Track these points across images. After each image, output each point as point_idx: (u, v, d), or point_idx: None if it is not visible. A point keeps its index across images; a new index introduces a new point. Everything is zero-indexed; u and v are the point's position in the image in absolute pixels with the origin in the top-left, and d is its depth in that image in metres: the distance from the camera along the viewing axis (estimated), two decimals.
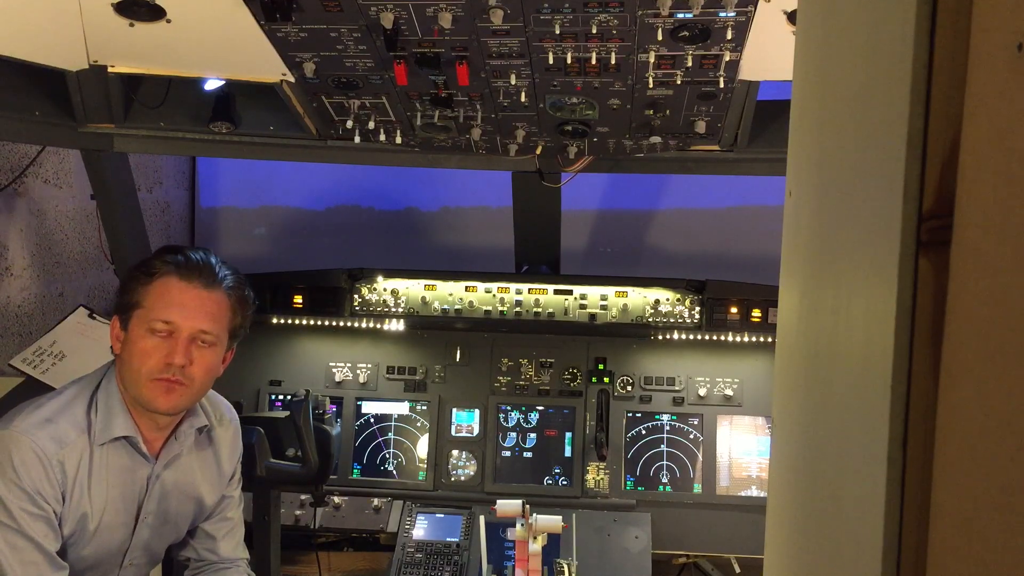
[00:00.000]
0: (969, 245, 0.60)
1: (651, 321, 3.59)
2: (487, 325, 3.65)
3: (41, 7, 2.32)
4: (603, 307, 3.61)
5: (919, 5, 0.62)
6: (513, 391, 3.64)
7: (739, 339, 3.53)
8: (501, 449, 3.58)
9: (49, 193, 3.76)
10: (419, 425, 3.63)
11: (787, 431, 1.08)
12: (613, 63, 2.39)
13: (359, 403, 3.66)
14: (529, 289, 3.63)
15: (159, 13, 2.28)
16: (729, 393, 3.55)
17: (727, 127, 2.88)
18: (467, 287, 3.66)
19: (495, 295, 3.64)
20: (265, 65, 2.52)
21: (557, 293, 3.63)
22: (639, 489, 3.50)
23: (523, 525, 2.69)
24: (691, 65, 2.40)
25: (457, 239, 4.94)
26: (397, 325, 3.64)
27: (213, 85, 2.90)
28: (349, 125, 2.86)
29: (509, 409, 3.62)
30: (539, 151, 3.09)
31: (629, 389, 3.60)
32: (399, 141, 2.94)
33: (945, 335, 0.62)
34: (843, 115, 0.85)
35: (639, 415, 3.58)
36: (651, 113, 2.72)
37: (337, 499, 3.50)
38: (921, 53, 0.62)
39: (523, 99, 2.63)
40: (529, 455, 3.57)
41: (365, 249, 4.91)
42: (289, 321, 3.67)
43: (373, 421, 3.65)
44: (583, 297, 3.61)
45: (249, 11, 2.21)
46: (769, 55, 2.39)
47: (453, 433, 3.61)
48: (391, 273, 3.68)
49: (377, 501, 3.51)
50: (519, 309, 3.62)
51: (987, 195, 0.59)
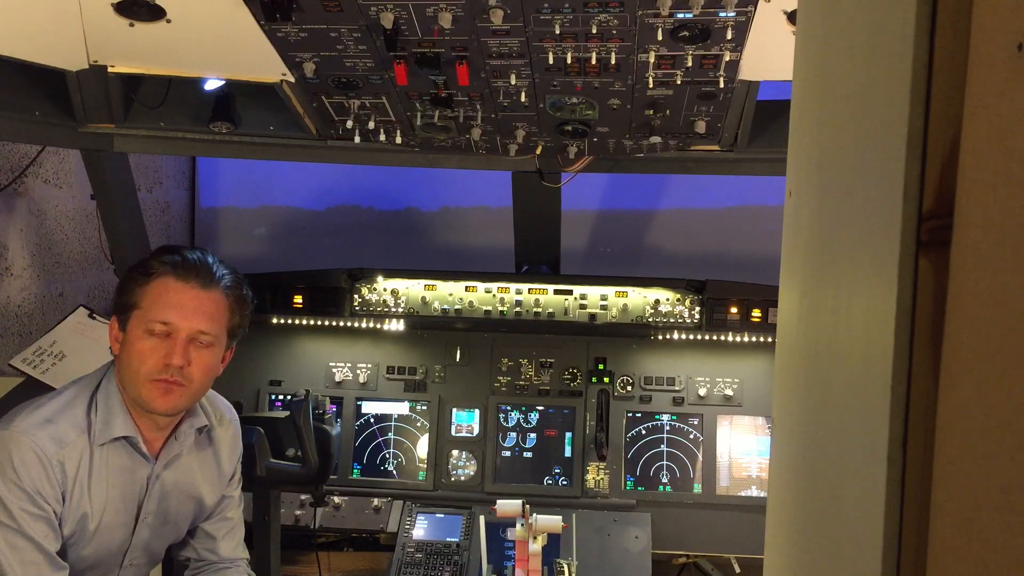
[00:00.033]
0: (969, 245, 0.60)
1: (651, 321, 3.59)
2: (487, 325, 3.65)
3: (41, 7, 2.32)
4: (603, 307, 3.61)
5: (919, 5, 0.62)
6: (513, 391, 3.64)
7: (739, 339, 3.53)
8: (501, 449, 3.58)
9: (49, 193, 3.76)
10: (419, 425, 3.63)
11: (787, 431, 1.08)
12: (613, 63, 2.39)
13: (359, 403, 3.66)
14: (529, 289, 3.63)
15: (159, 13, 2.28)
16: (729, 393, 3.55)
17: (727, 127, 2.88)
18: (467, 287, 3.66)
19: (495, 295, 3.64)
20: (265, 65, 2.53)
21: (557, 293, 3.63)
22: (639, 489, 3.50)
23: (523, 525, 2.69)
24: (691, 65, 2.40)
25: (457, 239, 4.94)
26: (397, 325, 3.64)
27: (213, 85, 2.90)
28: (349, 125, 2.86)
29: (509, 409, 3.62)
30: (539, 151, 3.09)
31: (629, 389, 3.60)
32: (399, 141, 2.94)
33: (945, 335, 0.62)
34: (843, 115, 0.85)
35: (639, 415, 3.58)
36: (651, 113, 2.72)
37: (337, 499, 3.50)
38: (921, 53, 0.62)
39: (523, 99, 2.63)
40: (529, 455, 3.57)
41: (365, 249, 4.91)
42: (289, 321, 3.67)
43: (373, 421, 3.65)
44: (583, 297, 3.61)
45: (249, 11, 2.21)
46: (769, 55, 2.39)
47: (453, 433, 3.61)
48: (391, 273, 3.68)
49: (377, 501, 3.51)
50: (519, 309, 3.62)
51: (987, 195, 0.59)
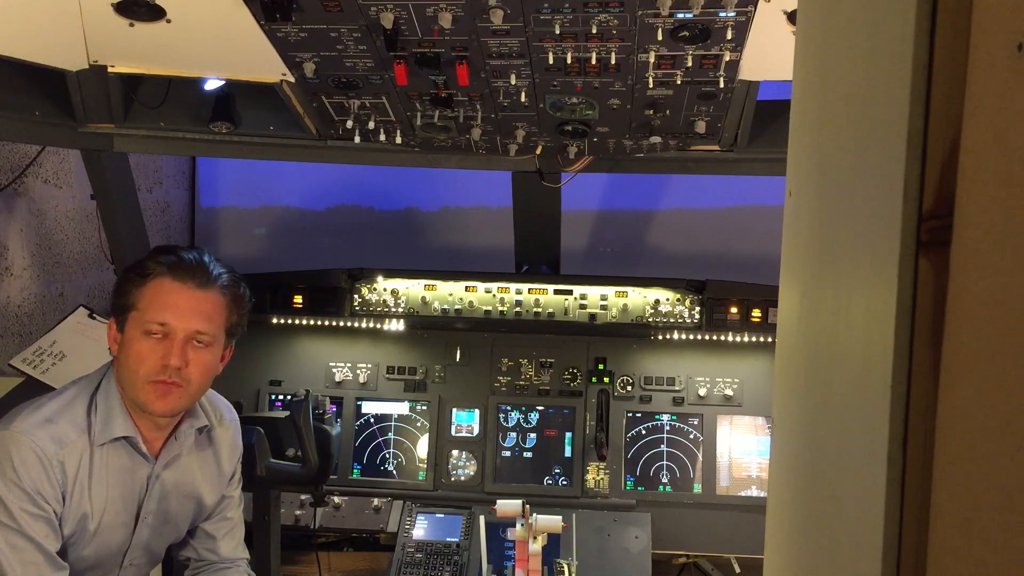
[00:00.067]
0: (969, 245, 0.60)
1: (651, 321, 3.58)
2: (487, 325, 3.65)
3: (41, 7, 2.31)
4: (603, 307, 3.61)
5: (919, 5, 0.62)
6: (513, 391, 3.64)
7: (739, 339, 3.53)
8: (501, 449, 3.58)
9: (49, 193, 3.76)
10: (419, 425, 3.63)
11: (787, 431, 1.08)
12: (613, 63, 2.39)
13: (359, 403, 3.66)
14: (529, 289, 3.63)
15: (159, 13, 2.28)
16: (729, 393, 3.55)
17: (727, 127, 2.88)
18: (467, 287, 3.66)
19: (495, 295, 3.64)
20: (265, 65, 2.52)
21: (557, 293, 3.63)
22: (639, 489, 3.50)
23: (523, 525, 2.69)
24: (691, 65, 2.40)
25: (457, 239, 4.94)
26: (397, 325, 3.64)
27: (213, 85, 2.90)
28: (349, 125, 2.86)
29: (509, 409, 3.61)
30: (539, 151, 3.09)
31: (629, 389, 3.60)
32: (399, 141, 2.94)
33: (945, 335, 0.62)
34: (843, 115, 0.85)
35: (639, 415, 3.58)
36: (651, 113, 2.72)
37: (337, 499, 3.50)
38: (921, 53, 0.62)
39: (523, 99, 2.63)
40: (529, 455, 3.57)
41: (365, 249, 4.91)
42: (289, 321, 3.67)
43: (373, 421, 3.65)
44: (583, 297, 3.61)
45: (249, 11, 2.21)
46: (769, 55, 2.39)
47: (453, 433, 3.61)
48: (391, 273, 3.68)
49: (377, 501, 3.51)
50: (519, 309, 3.62)
51: (987, 195, 0.59)
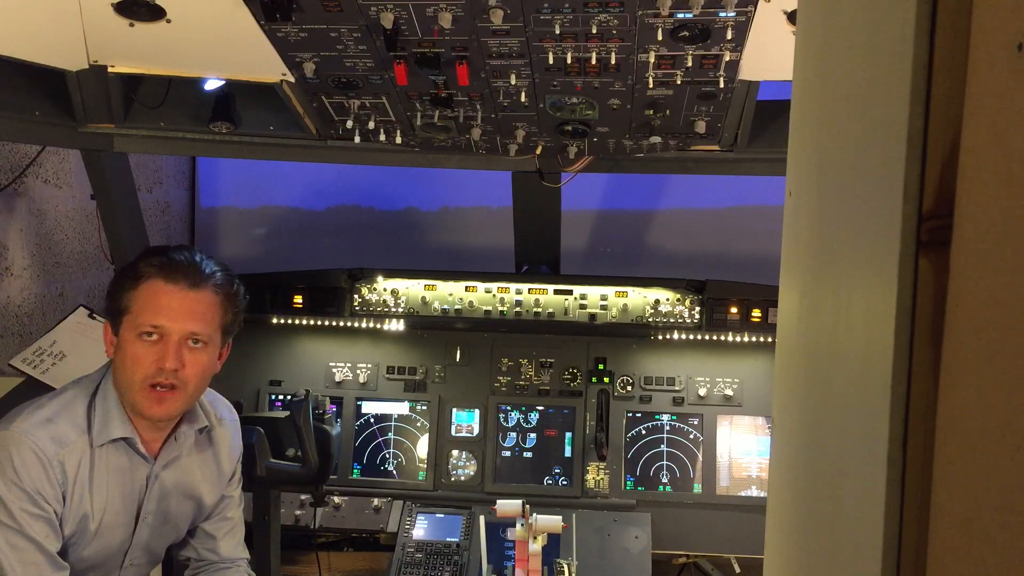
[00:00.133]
0: (969, 245, 0.60)
1: (651, 321, 3.58)
2: (487, 325, 3.65)
3: (41, 7, 2.31)
4: (603, 307, 3.61)
5: (919, 5, 0.62)
6: (513, 391, 3.64)
7: (739, 339, 3.53)
8: (501, 449, 3.58)
9: (49, 193, 3.76)
10: (419, 425, 3.63)
11: (787, 431, 1.08)
12: (613, 63, 2.39)
13: (359, 403, 3.66)
14: (529, 289, 3.63)
15: (159, 13, 2.28)
16: (729, 393, 3.55)
17: (727, 127, 2.88)
18: (467, 287, 3.66)
19: (495, 295, 3.64)
20: (265, 65, 2.52)
21: (557, 293, 3.63)
22: (639, 489, 3.50)
23: (523, 525, 2.69)
24: (691, 65, 2.40)
25: (457, 239, 4.94)
26: (397, 325, 3.64)
27: (213, 85, 2.90)
28: (349, 125, 2.86)
29: (509, 409, 3.61)
30: (539, 151, 3.09)
31: (629, 389, 3.60)
32: (399, 141, 2.93)
33: (945, 335, 0.62)
34: (843, 115, 0.85)
35: (639, 415, 3.58)
36: (651, 113, 2.72)
37: (337, 499, 3.50)
38: (921, 53, 0.62)
39: (523, 99, 2.63)
40: (529, 455, 3.57)
41: (365, 249, 4.91)
42: (289, 321, 3.67)
43: (373, 421, 3.65)
44: (583, 297, 3.61)
45: (249, 11, 2.21)
46: (769, 55, 2.38)
47: (453, 433, 3.61)
48: (391, 273, 3.68)
49: (377, 501, 3.51)
50: (519, 309, 3.62)
51: (987, 195, 0.59)
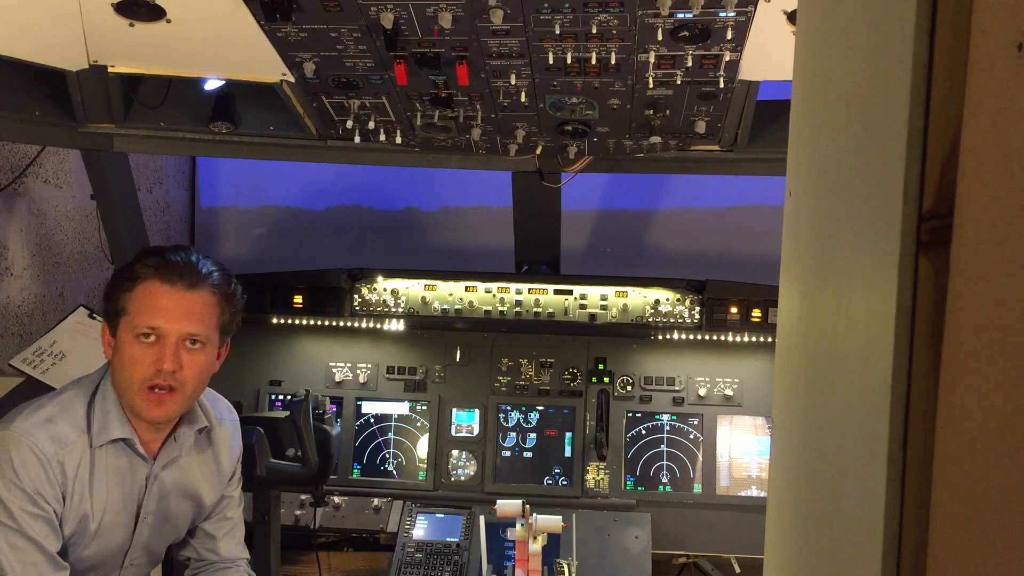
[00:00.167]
0: (969, 245, 0.60)
1: (651, 321, 3.58)
2: (487, 325, 3.65)
3: (41, 7, 2.31)
4: (603, 307, 3.61)
5: (919, 5, 0.62)
6: (513, 391, 3.64)
7: (739, 339, 3.53)
8: (501, 449, 3.58)
9: (49, 193, 3.76)
10: (419, 425, 3.63)
11: (787, 431, 1.08)
12: (613, 63, 2.39)
13: (359, 403, 3.66)
14: (529, 289, 3.63)
15: (159, 13, 2.28)
16: (729, 393, 3.55)
17: (727, 127, 2.88)
18: (467, 287, 3.66)
19: (495, 295, 3.64)
20: (265, 65, 2.52)
21: (557, 293, 3.62)
22: (639, 489, 3.50)
23: (523, 525, 2.69)
24: (691, 65, 2.40)
25: (457, 239, 4.94)
26: (397, 325, 3.64)
27: (213, 85, 2.90)
28: (349, 125, 2.86)
29: (509, 409, 3.61)
30: (539, 151, 3.09)
31: (629, 389, 3.59)
32: (399, 141, 2.93)
33: (945, 335, 0.62)
34: (843, 115, 0.85)
35: (639, 415, 3.58)
36: (651, 113, 2.72)
37: (337, 499, 3.50)
38: (921, 53, 0.62)
39: (523, 99, 2.63)
40: (529, 455, 3.57)
41: (365, 249, 4.91)
42: (289, 321, 3.67)
43: (373, 421, 3.65)
44: (583, 297, 3.61)
45: (249, 11, 2.21)
46: (769, 55, 2.38)
47: (453, 433, 3.61)
48: (391, 273, 3.68)
49: (377, 501, 3.51)
50: (519, 309, 3.62)
51: (987, 195, 0.59)
